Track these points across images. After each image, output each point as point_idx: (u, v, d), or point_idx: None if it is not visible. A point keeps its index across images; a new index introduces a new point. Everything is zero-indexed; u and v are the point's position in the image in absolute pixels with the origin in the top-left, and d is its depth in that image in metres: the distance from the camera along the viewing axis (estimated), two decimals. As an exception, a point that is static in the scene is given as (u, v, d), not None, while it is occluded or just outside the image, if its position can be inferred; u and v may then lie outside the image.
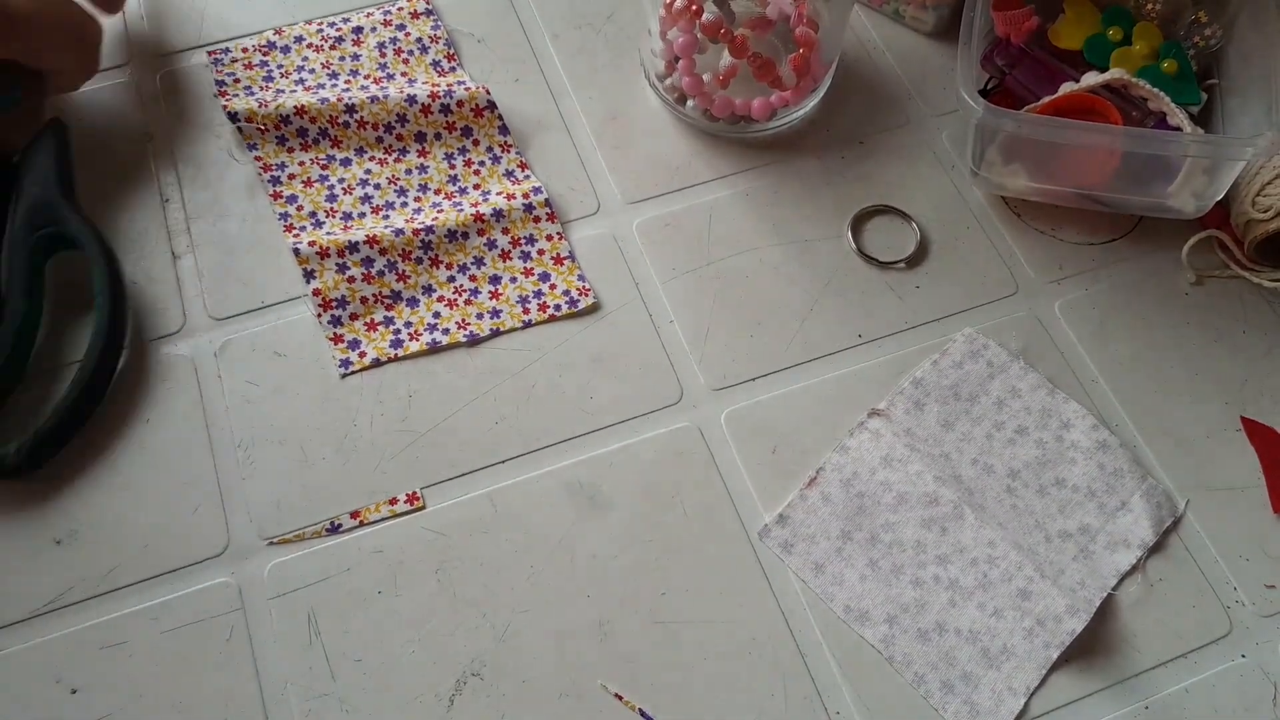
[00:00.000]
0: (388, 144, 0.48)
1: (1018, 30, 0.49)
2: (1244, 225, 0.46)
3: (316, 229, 0.45)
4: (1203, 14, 0.49)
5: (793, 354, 0.45)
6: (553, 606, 0.39)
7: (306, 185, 0.46)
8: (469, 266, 0.45)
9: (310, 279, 0.44)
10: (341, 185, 0.47)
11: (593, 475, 0.42)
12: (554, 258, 0.46)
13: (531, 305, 0.45)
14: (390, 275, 0.45)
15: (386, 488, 0.41)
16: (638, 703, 0.37)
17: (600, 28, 0.53)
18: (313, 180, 0.46)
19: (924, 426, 0.43)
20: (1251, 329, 0.47)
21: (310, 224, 0.46)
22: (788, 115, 0.50)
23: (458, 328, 0.44)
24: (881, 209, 0.49)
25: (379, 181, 0.47)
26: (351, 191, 0.47)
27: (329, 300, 0.44)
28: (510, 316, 0.45)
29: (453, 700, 0.37)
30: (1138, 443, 0.43)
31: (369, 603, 0.39)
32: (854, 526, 0.41)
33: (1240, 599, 0.40)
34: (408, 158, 0.47)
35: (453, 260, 0.45)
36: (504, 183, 0.47)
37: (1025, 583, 0.40)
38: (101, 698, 0.37)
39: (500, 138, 0.48)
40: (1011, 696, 0.38)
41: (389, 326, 0.44)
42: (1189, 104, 0.47)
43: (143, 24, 0.52)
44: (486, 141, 0.47)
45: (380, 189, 0.47)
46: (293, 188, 0.46)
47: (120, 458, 0.41)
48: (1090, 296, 0.47)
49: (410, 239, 0.45)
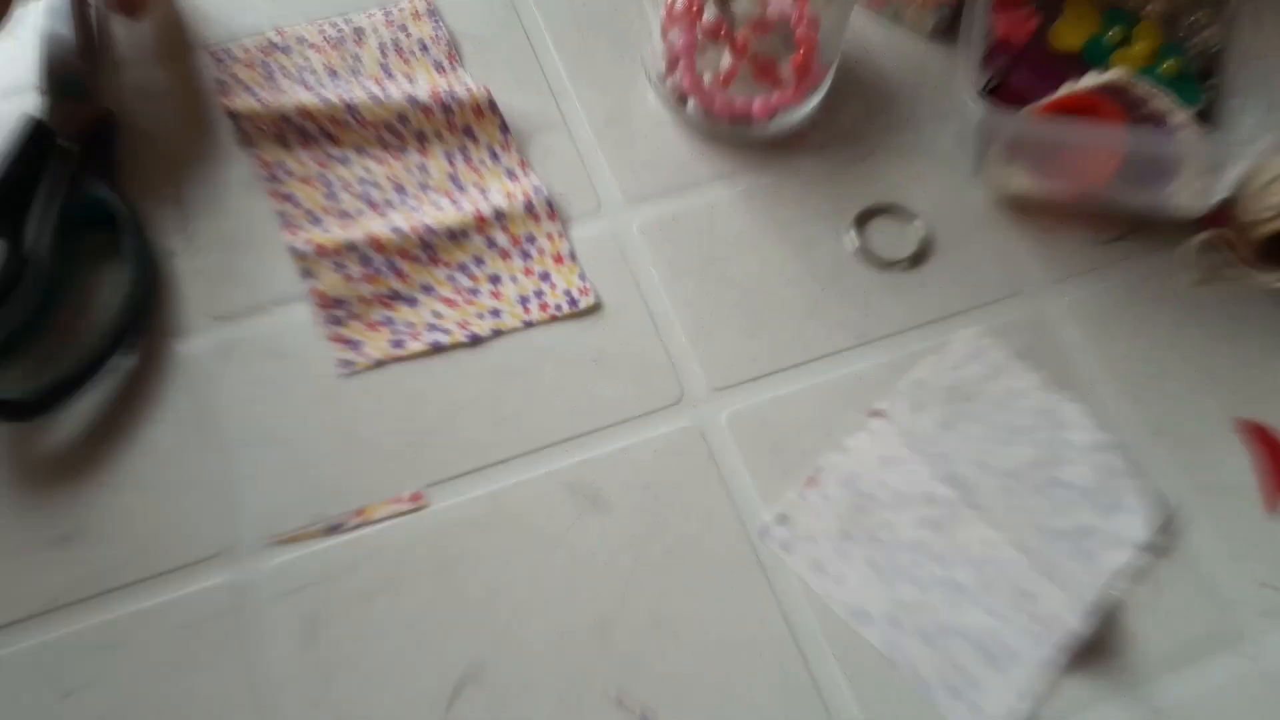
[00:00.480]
0: (387, 143, 0.47)
1: (1018, 31, 0.49)
2: (1245, 225, 0.46)
3: (314, 226, 0.45)
4: (1203, 14, 0.49)
5: (793, 354, 0.45)
6: (553, 606, 0.39)
7: (305, 183, 0.46)
8: (468, 265, 0.45)
9: (308, 277, 0.44)
10: (340, 183, 0.46)
11: (593, 475, 0.42)
12: (554, 256, 0.46)
13: (532, 305, 0.45)
14: (389, 274, 0.45)
15: (387, 488, 0.41)
16: (638, 703, 0.37)
17: (601, 28, 0.53)
18: (311, 178, 0.46)
19: (924, 426, 0.43)
20: (1253, 329, 0.47)
21: (308, 221, 0.45)
22: (788, 115, 0.50)
23: (459, 327, 0.44)
24: (882, 209, 0.49)
25: (378, 180, 0.47)
26: (350, 189, 0.46)
27: (328, 299, 0.44)
28: (510, 316, 0.45)
29: (452, 701, 0.37)
30: (1137, 442, 0.43)
31: (369, 603, 0.39)
32: (854, 526, 0.41)
33: (1239, 598, 0.40)
34: (407, 156, 0.47)
35: (452, 259, 0.45)
36: (504, 181, 0.47)
37: (1025, 582, 0.40)
38: (99, 698, 0.37)
39: (501, 136, 0.47)
40: (1015, 699, 0.38)
41: (389, 326, 0.44)
42: (1190, 104, 0.47)
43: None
44: (487, 140, 0.47)
45: (379, 187, 0.46)
46: (291, 185, 0.46)
47: (120, 458, 0.41)
48: (1091, 296, 0.47)
49: (409, 237, 0.45)
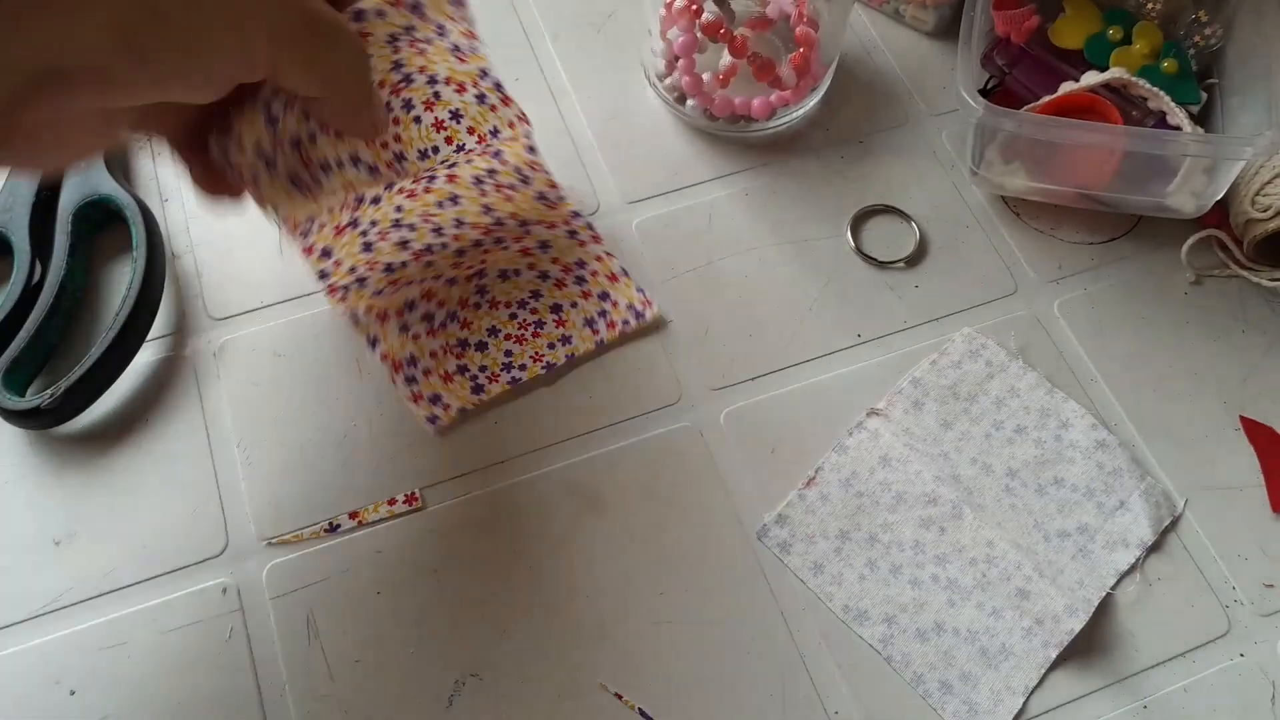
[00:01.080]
0: (417, 174, 0.42)
1: (1018, 30, 0.49)
2: (1243, 225, 0.46)
3: (361, 287, 0.42)
4: (1203, 13, 0.49)
5: (792, 354, 0.45)
6: (552, 606, 0.39)
7: (338, 234, 0.41)
8: (528, 301, 0.44)
9: (374, 345, 0.42)
10: (376, 230, 0.41)
11: (592, 475, 0.42)
12: (608, 276, 0.45)
13: (599, 325, 0.44)
14: (454, 325, 0.44)
15: (386, 488, 0.41)
16: (637, 702, 0.37)
17: (600, 27, 0.53)
18: (343, 226, 0.41)
19: (923, 426, 0.43)
20: (1250, 328, 0.47)
21: (354, 282, 0.42)
22: (788, 115, 0.50)
23: (533, 361, 0.43)
24: (881, 208, 0.49)
25: (413, 221, 0.42)
26: (387, 238, 0.42)
27: (398, 362, 0.42)
28: (580, 340, 0.44)
29: (452, 700, 0.37)
30: (1136, 442, 0.43)
31: (368, 603, 0.39)
32: (853, 526, 0.41)
33: (1239, 598, 0.40)
34: (437, 185, 0.42)
35: (510, 298, 0.44)
36: (539, 207, 0.44)
37: (1024, 582, 0.40)
38: (100, 698, 0.37)
39: (528, 156, 0.43)
40: (1010, 696, 0.38)
41: (464, 374, 0.43)
42: (1189, 103, 0.47)
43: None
44: (515, 161, 0.43)
45: (416, 230, 0.42)
46: (325, 238, 0.41)
47: (120, 458, 0.41)
48: (1089, 296, 0.47)
49: (465, 286, 0.44)
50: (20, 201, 0.44)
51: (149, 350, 0.43)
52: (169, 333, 0.44)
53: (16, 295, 0.42)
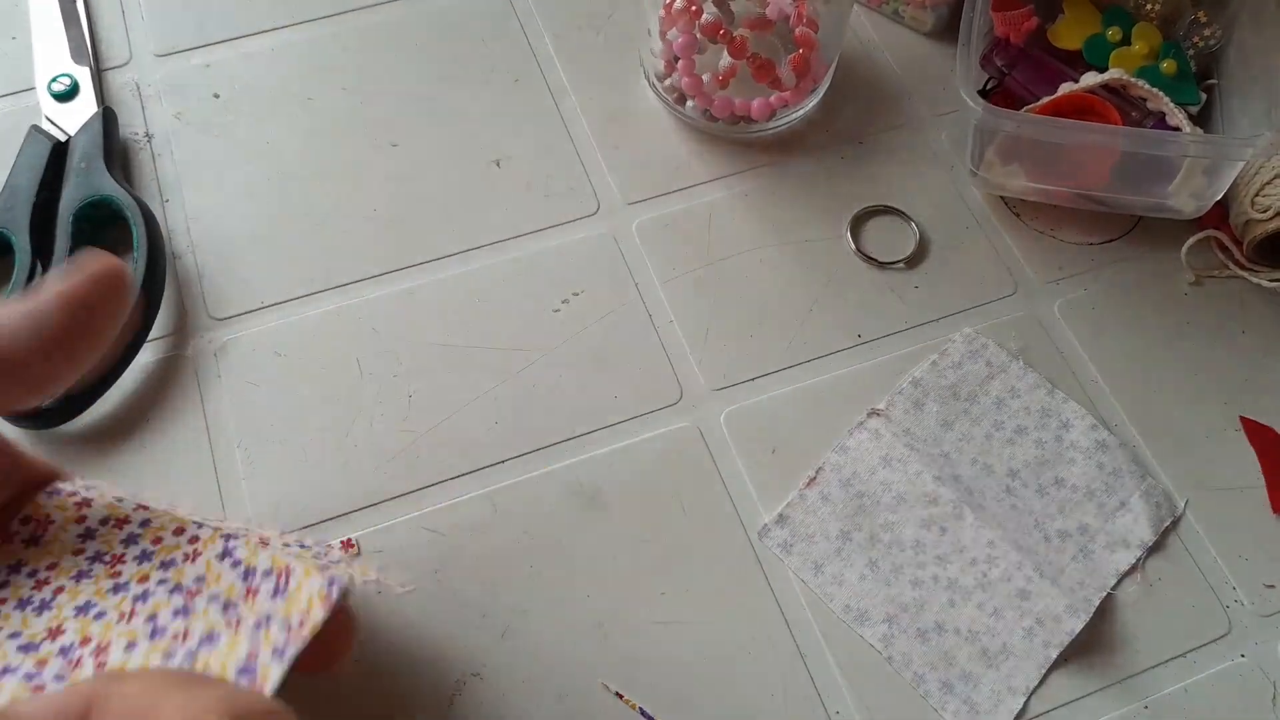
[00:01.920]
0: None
1: (1017, 30, 0.49)
2: (1243, 225, 0.46)
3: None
4: (1202, 14, 0.49)
5: (792, 354, 0.45)
6: (553, 606, 0.39)
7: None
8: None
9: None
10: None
11: (592, 475, 0.42)
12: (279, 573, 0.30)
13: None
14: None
15: (387, 488, 0.41)
16: (638, 702, 0.37)
17: (600, 28, 0.54)
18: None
19: (923, 426, 0.43)
20: (1251, 329, 0.47)
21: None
22: (787, 115, 0.50)
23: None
24: (881, 209, 0.49)
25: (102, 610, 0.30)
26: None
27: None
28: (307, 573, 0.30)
29: (452, 700, 0.37)
30: (1137, 443, 0.44)
31: (368, 603, 0.39)
32: (853, 526, 0.41)
33: (1239, 599, 0.40)
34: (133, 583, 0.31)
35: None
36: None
37: (1024, 582, 0.40)
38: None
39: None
40: (1011, 696, 0.38)
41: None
42: (1188, 104, 0.47)
43: (142, 22, 0.52)
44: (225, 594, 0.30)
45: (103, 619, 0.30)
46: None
47: (120, 458, 0.41)
48: (1089, 296, 0.47)
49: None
50: (21, 202, 0.44)
51: (150, 350, 0.43)
52: (170, 333, 0.44)
53: (17, 296, 0.42)
